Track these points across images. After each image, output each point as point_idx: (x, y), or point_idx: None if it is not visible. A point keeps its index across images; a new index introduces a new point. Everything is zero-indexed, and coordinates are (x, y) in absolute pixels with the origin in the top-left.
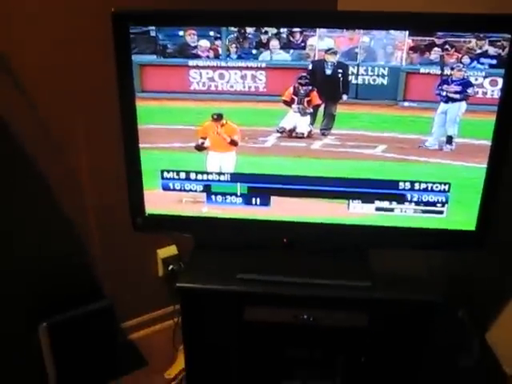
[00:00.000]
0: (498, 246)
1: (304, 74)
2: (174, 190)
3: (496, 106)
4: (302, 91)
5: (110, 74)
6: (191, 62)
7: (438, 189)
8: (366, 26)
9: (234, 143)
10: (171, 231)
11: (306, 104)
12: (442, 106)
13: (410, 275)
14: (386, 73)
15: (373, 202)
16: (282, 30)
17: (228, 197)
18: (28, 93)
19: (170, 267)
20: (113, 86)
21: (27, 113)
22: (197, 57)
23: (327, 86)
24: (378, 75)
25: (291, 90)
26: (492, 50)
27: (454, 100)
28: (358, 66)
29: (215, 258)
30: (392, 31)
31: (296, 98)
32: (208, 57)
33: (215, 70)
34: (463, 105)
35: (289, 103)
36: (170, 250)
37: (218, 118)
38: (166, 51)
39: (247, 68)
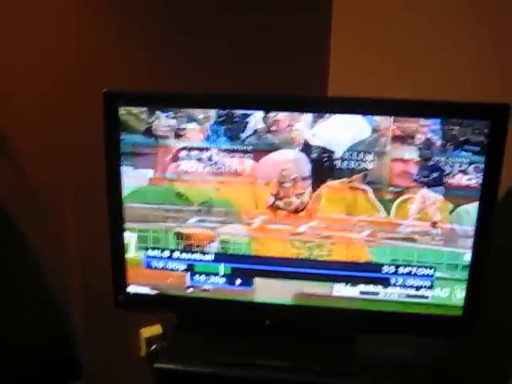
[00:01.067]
0: (486, 331)
1: (289, 165)
2: (158, 268)
3: (479, 192)
4: (287, 183)
5: (99, 151)
6: (180, 144)
7: (422, 273)
8: (351, 111)
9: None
10: (153, 310)
11: (291, 194)
12: (424, 192)
13: (396, 358)
14: (371, 158)
15: (357, 286)
16: (269, 114)
17: (212, 277)
18: (19, 166)
19: (153, 347)
20: (101, 162)
21: (16, 183)
22: (185, 139)
23: (313, 171)
24: (363, 160)
25: (275, 180)
26: (474, 138)
27: (434, 185)
28: (343, 151)
29: (197, 338)
30: (377, 117)
31: (281, 190)
32: (196, 139)
33: (203, 151)
34: (443, 190)
35: (275, 195)
36: (155, 330)
37: None
38: (155, 132)
39: (235, 151)
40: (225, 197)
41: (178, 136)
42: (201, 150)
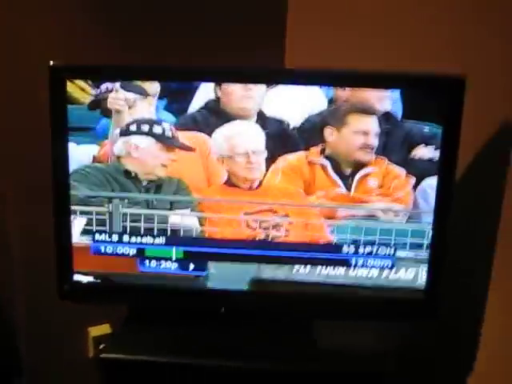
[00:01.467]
0: (449, 314)
1: (242, 139)
2: (106, 253)
3: (436, 167)
4: (241, 158)
5: (42, 135)
6: (129, 118)
7: (384, 253)
8: (307, 82)
9: None
10: (102, 300)
11: (245, 170)
12: (386, 165)
13: (358, 346)
14: (329, 130)
15: (316, 268)
16: (221, 85)
17: (163, 262)
18: None
19: (102, 346)
20: (45, 144)
21: None
22: (135, 112)
23: (268, 144)
24: (321, 132)
25: (228, 155)
26: (434, 110)
27: (396, 159)
28: (300, 122)
29: (148, 328)
30: (334, 88)
31: (235, 166)
32: (146, 112)
33: (153, 126)
34: (406, 164)
35: (229, 171)
36: (103, 329)
37: None
38: (101, 105)
39: (185, 125)
40: (176, 174)
41: (127, 109)
42: (150, 124)
